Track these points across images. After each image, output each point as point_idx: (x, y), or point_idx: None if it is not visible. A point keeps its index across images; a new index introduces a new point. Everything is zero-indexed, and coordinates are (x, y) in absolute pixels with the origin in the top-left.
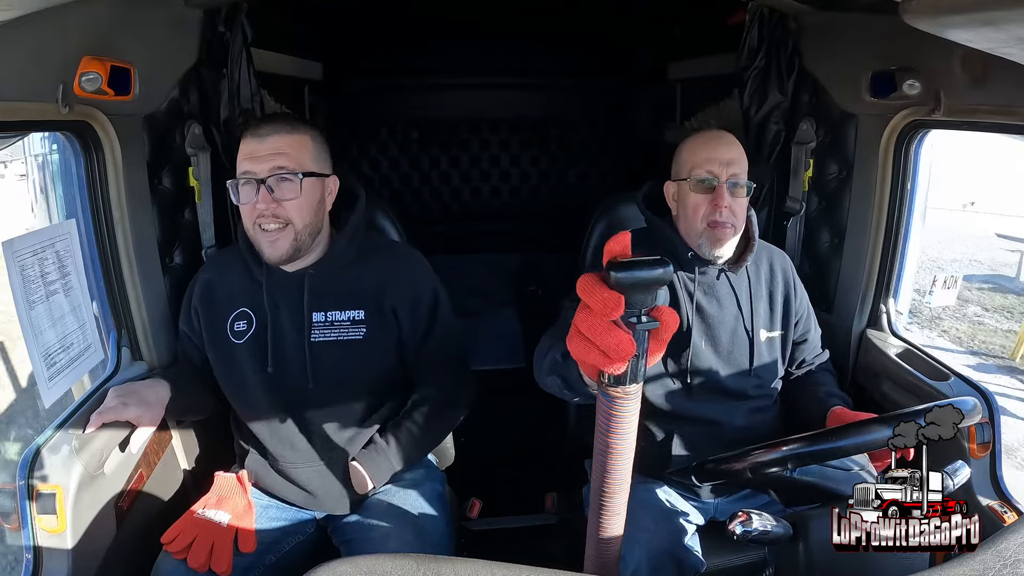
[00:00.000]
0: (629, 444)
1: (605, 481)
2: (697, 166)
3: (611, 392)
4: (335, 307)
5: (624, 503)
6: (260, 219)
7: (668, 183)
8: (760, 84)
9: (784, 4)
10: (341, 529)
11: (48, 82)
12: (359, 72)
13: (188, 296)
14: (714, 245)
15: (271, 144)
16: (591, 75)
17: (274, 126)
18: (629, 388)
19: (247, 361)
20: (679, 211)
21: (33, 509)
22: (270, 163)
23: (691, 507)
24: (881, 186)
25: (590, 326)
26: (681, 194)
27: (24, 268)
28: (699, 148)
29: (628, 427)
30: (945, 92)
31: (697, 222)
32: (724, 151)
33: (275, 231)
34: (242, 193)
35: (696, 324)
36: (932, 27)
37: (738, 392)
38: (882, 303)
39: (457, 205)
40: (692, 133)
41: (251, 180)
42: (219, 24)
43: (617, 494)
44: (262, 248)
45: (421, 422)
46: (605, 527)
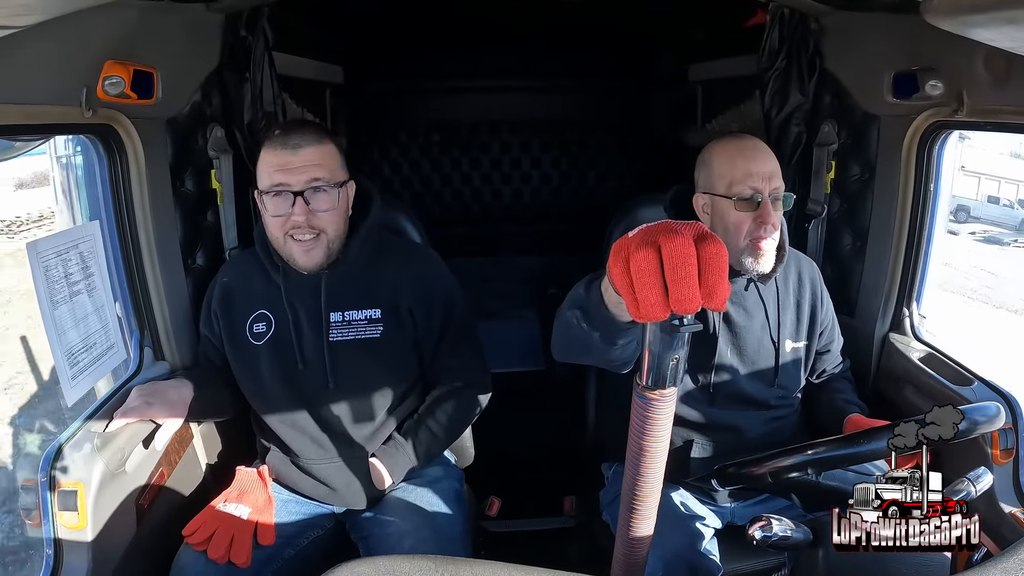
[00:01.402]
0: (663, 447)
1: (637, 484)
2: (738, 181)
3: (648, 395)
4: (352, 306)
5: (655, 506)
6: (294, 230)
7: (698, 195)
8: (781, 86)
9: (804, 4)
10: (359, 524)
11: (72, 86)
12: (380, 75)
13: (207, 300)
14: (758, 260)
15: (305, 156)
16: (610, 77)
17: (304, 136)
18: (666, 391)
19: (267, 362)
20: (715, 225)
21: (55, 505)
22: (306, 175)
23: (708, 511)
24: (904, 188)
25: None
26: (719, 209)
27: (48, 269)
28: (737, 161)
29: (663, 431)
30: (968, 92)
31: (740, 239)
32: (763, 164)
33: (309, 241)
34: (274, 204)
35: (723, 332)
36: (954, 26)
37: (761, 401)
38: (905, 307)
39: (478, 207)
40: (720, 139)
41: (286, 192)
42: (241, 28)
43: (649, 496)
44: (295, 257)
45: (439, 420)
46: (635, 529)
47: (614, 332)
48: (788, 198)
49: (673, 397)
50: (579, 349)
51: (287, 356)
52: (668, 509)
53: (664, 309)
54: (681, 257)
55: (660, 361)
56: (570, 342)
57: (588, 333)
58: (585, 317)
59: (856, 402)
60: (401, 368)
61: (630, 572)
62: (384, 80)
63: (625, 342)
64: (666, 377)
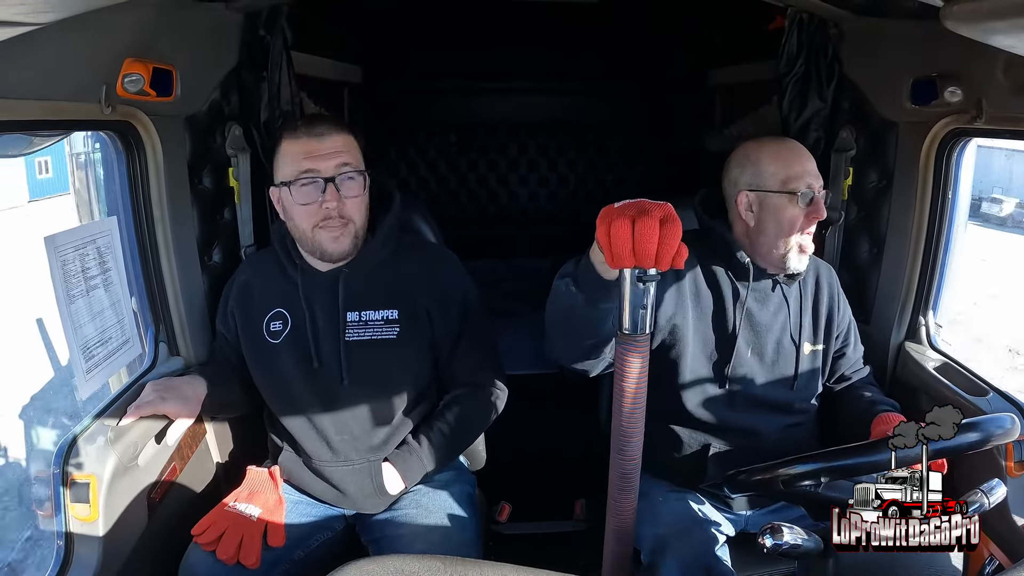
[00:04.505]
0: (642, 388)
1: (621, 422)
2: (795, 178)
3: (626, 339)
4: (369, 307)
5: (639, 447)
6: (325, 220)
7: (743, 193)
8: (800, 91)
9: (824, 9)
10: (370, 527)
11: (92, 83)
12: (398, 75)
13: (224, 298)
14: (802, 257)
15: (332, 143)
16: (629, 80)
17: (328, 125)
18: (639, 336)
19: (283, 360)
20: (764, 222)
21: (67, 497)
22: (334, 160)
23: (723, 518)
24: (921, 196)
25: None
26: (772, 205)
27: (65, 263)
28: (791, 158)
29: (640, 370)
30: (987, 99)
31: (792, 235)
32: (811, 163)
33: (338, 228)
34: (303, 193)
35: (743, 332)
36: (974, 33)
37: (779, 404)
38: (921, 315)
39: (493, 208)
40: (759, 140)
41: (316, 179)
42: (259, 27)
43: (633, 437)
44: (323, 245)
45: (453, 423)
46: (622, 466)
47: (595, 292)
48: (827, 196)
49: (646, 342)
50: (564, 317)
51: (303, 354)
52: (685, 514)
53: (630, 260)
54: (648, 232)
55: (634, 309)
56: (556, 312)
57: (575, 296)
58: (574, 281)
59: (887, 401)
60: (416, 370)
61: (624, 501)
62: (403, 80)
63: (604, 307)
64: (638, 324)
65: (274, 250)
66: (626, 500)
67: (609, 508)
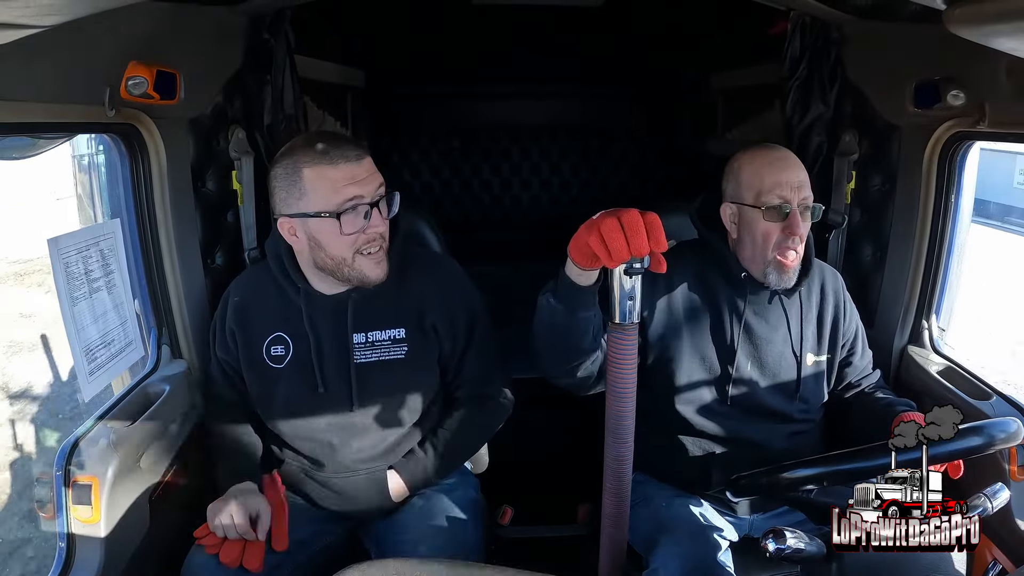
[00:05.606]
0: (632, 373)
1: (614, 406)
2: (767, 191)
3: (617, 329)
4: (375, 326)
5: (631, 429)
6: (368, 244)
7: (726, 204)
8: (803, 95)
9: (826, 13)
10: (373, 531)
11: (95, 85)
12: (401, 80)
13: (219, 321)
14: (782, 276)
15: (368, 165)
16: (632, 84)
17: (353, 144)
18: (627, 325)
19: (287, 386)
20: (742, 235)
21: (69, 498)
22: (374, 184)
23: (726, 523)
24: (925, 199)
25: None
26: (747, 219)
27: (68, 265)
28: (766, 170)
29: (631, 357)
30: (990, 103)
31: (768, 250)
32: (793, 174)
33: (380, 252)
34: (350, 222)
35: (742, 345)
36: (977, 36)
37: (781, 414)
38: (924, 319)
39: (498, 212)
40: (748, 149)
41: (361, 205)
42: (263, 31)
43: (626, 418)
44: (365, 272)
45: (459, 433)
46: (616, 448)
47: (575, 301)
48: (817, 209)
49: (634, 331)
50: (546, 329)
51: (308, 380)
52: (688, 519)
53: (627, 253)
54: (635, 223)
55: (623, 301)
56: (540, 326)
57: (555, 308)
58: (554, 295)
59: (902, 402)
60: (424, 386)
61: (617, 492)
62: (406, 84)
63: (583, 316)
64: (627, 314)
65: (268, 270)
66: (622, 487)
67: (605, 490)
